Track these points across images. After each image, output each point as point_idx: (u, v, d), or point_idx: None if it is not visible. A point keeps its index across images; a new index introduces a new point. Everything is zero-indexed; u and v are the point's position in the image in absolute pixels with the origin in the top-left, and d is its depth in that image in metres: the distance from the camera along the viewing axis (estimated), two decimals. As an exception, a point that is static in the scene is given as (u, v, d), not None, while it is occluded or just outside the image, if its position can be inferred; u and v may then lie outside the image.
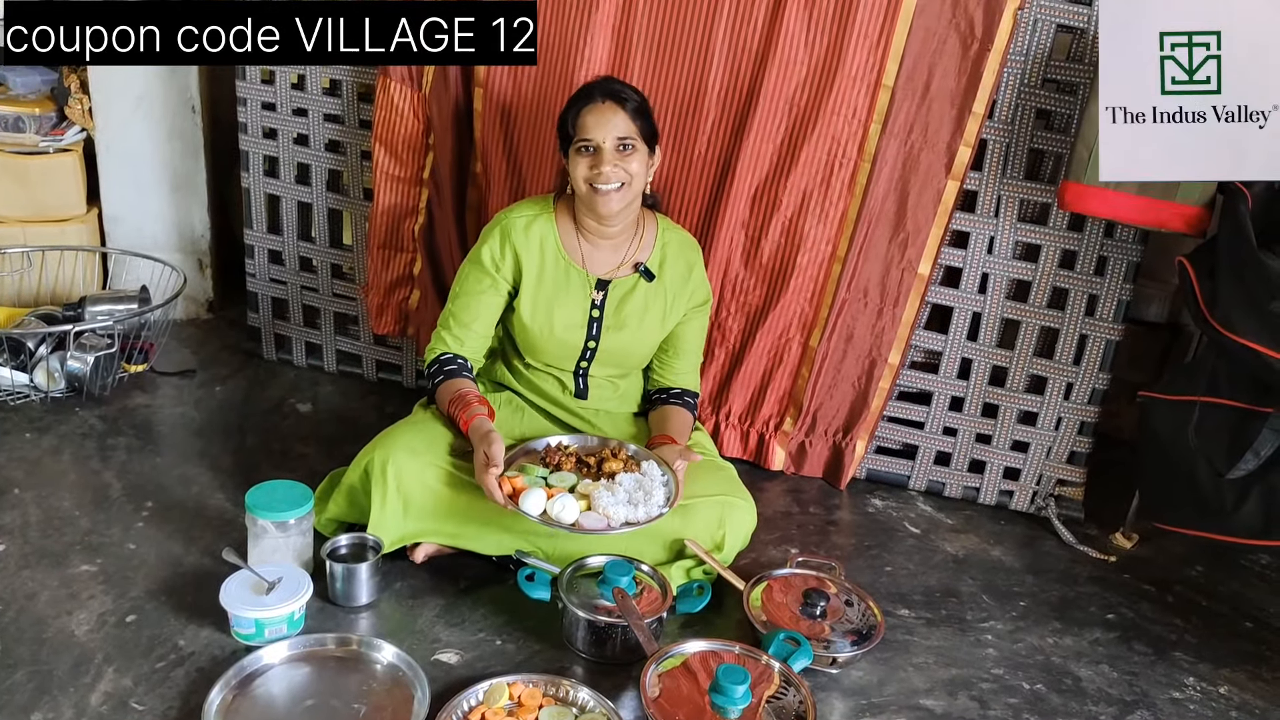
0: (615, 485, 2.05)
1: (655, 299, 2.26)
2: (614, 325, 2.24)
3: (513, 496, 1.99)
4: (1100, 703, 1.99)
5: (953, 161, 2.39)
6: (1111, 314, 2.47)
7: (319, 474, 2.29)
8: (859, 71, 2.34)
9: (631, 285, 2.25)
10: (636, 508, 2.00)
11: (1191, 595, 2.37)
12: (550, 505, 1.98)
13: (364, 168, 2.78)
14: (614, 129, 2.08)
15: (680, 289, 2.28)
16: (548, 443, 2.19)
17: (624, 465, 2.11)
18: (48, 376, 2.67)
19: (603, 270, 2.24)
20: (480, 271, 2.22)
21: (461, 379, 2.21)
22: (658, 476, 2.09)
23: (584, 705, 1.78)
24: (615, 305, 2.24)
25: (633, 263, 2.25)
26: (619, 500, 2.01)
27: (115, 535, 2.19)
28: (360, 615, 2.02)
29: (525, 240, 2.19)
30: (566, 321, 2.22)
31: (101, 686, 1.77)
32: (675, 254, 2.28)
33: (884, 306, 2.53)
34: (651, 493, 2.03)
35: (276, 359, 3.05)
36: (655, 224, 2.28)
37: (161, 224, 3.21)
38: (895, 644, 2.09)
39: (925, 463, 2.69)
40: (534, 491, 1.99)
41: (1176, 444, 2.23)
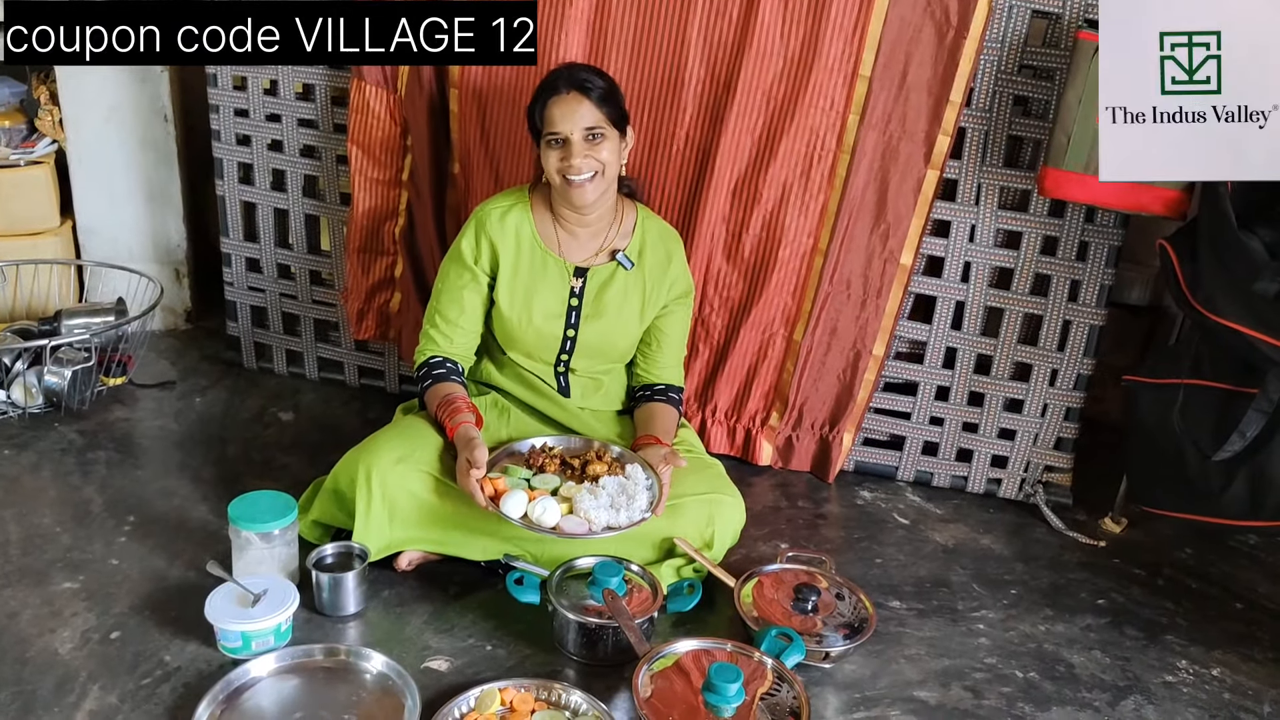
0: (598, 489, 2.03)
1: (634, 287, 2.25)
2: (593, 314, 2.23)
3: (495, 499, 1.97)
4: (1094, 689, 1.99)
5: (932, 150, 2.38)
6: (1094, 299, 2.47)
7: (302, 483, 2.27)
8: (835, 62, 2.33)
9: (610, 273, 2.23)
10: (619, 512, 1.99)
11: (1182, 578, 2.37)
12: (531, 508, 1.97)
13: (340, 172, 2.75)
14: (581, 119, 2.06)
15: (660, 278, 2.27)
16: (532, 444, 2.18)
17: (608, 468, 2.10)
18: (25, 392, 2.64)
19: (580, 258, 2.22)
20: (460, 266, 2.21)
21: (450, 383, 2.19)
22: (641, 480, 2.08)
23: (577, 708, 1.76)
24: (594, 294, 2.23)
25: (610, 250, 2.23)
26: (601, 504, 2.00)
27: (97, 551, 2.16)
28: (348, 625, 2.00)
29: (501, 230, 2.18)
30: (545, 311, 2.21)
31: (87, 705, 1.75)
32: (654, 242, 2.27)
33: (867, 298, 2.52)
34: (634, 497, 2.02)
35: (257, 368, 3.03)
36: (634, 212, 2.27)
37: (136, 235, 3.18)
38: (888, 636, 2.08)
39: (913, 453, 2.69)
40: (515, 494, 1.98)
41: (1163, 427, 2.23)
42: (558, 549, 2.06)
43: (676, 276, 2.30)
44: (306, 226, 2.86)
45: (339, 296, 2.87)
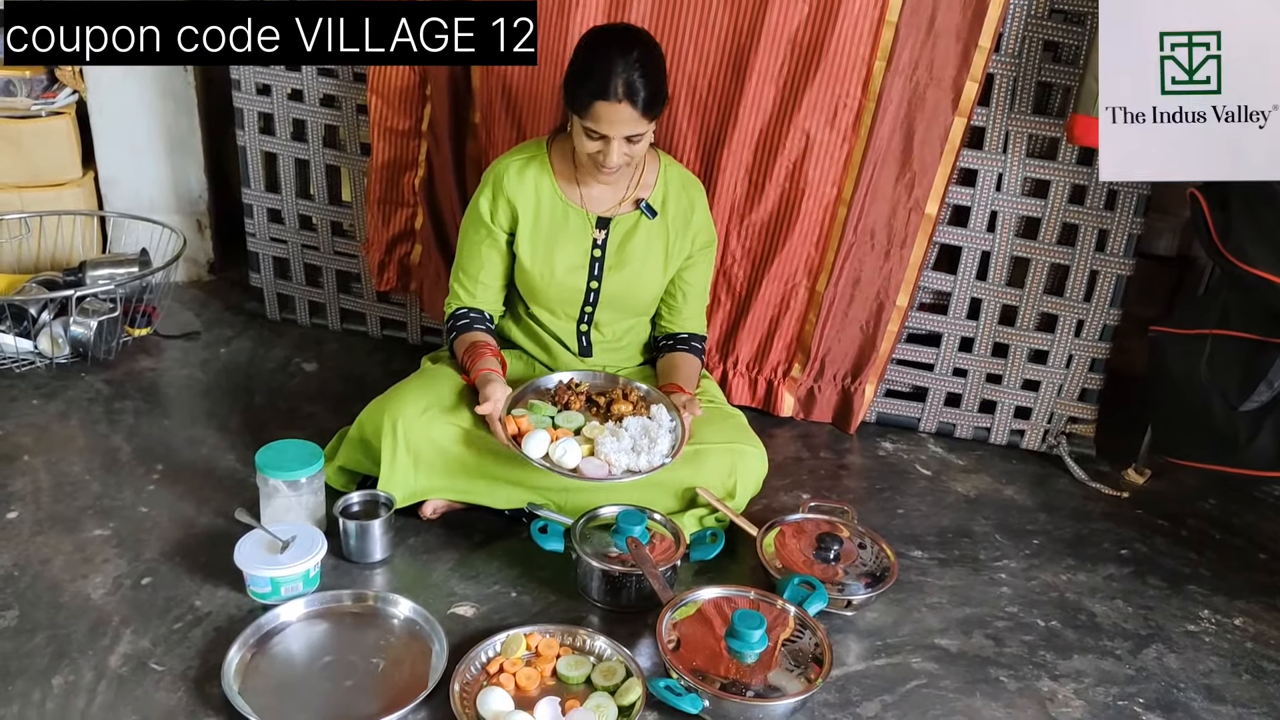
0: (621, 430, 2.04)
1: (657, 237, 2.23)
2: (616, 265, 2.22)
3: (517, 438, 1.98)
4: (1116, 638, 1.99)
5: (959, 98, 2.34)
6: (1122, 249, 2.44)
7: (328, 432, 2.29)
8: (862, 7, 2.29)
9: (633, 223, 2.22)
10: (640, 455, 2.00)
11: (1205, 529, 2.37)
12: (552, 449, 1.98)
13: (360, 122, 2.74)
14: (626, 128, 2.01)
15: (683, 227, 2.25)
16: (559, 379, 2.19)
17: (634, 408, 2.11)
18: (52, 342, 2.66)
19: (603, 208, 2.21)
20: (477, 223, 2.20)
21: (474, 331, 2.21)
22: (665, 422, 2.08)
23: (601, 654, 1.79)
24: (617, 244, 2.22)
25: (634, 200, 2.22)
26: (623, 447, 2.00)
27: (127, 498, 2.19)
28: (375, 571, 2.02)
29: (519, 186, 2.17)
30: (568, 263, 2.20)
31: (120, 648, 1.78)
32: (678, 191, 2.25)
33: (891, 248, 2.50)
34: (656, 440, 2.02)
35: (280, 319, 3.04)
36: (657, 160, 2.25)
37: (158, 186, 3.18)
38: (909, 585, 2.09)
39: (935, 404, 2.68)
40: (538, 434, 1.99)
41: (1189, 378, 2.21)
42: (582, 498, 2.08)
43: (700, 226, 2.28)
44: (327, 177, 2.85)
45: (360, 248, 2.87)
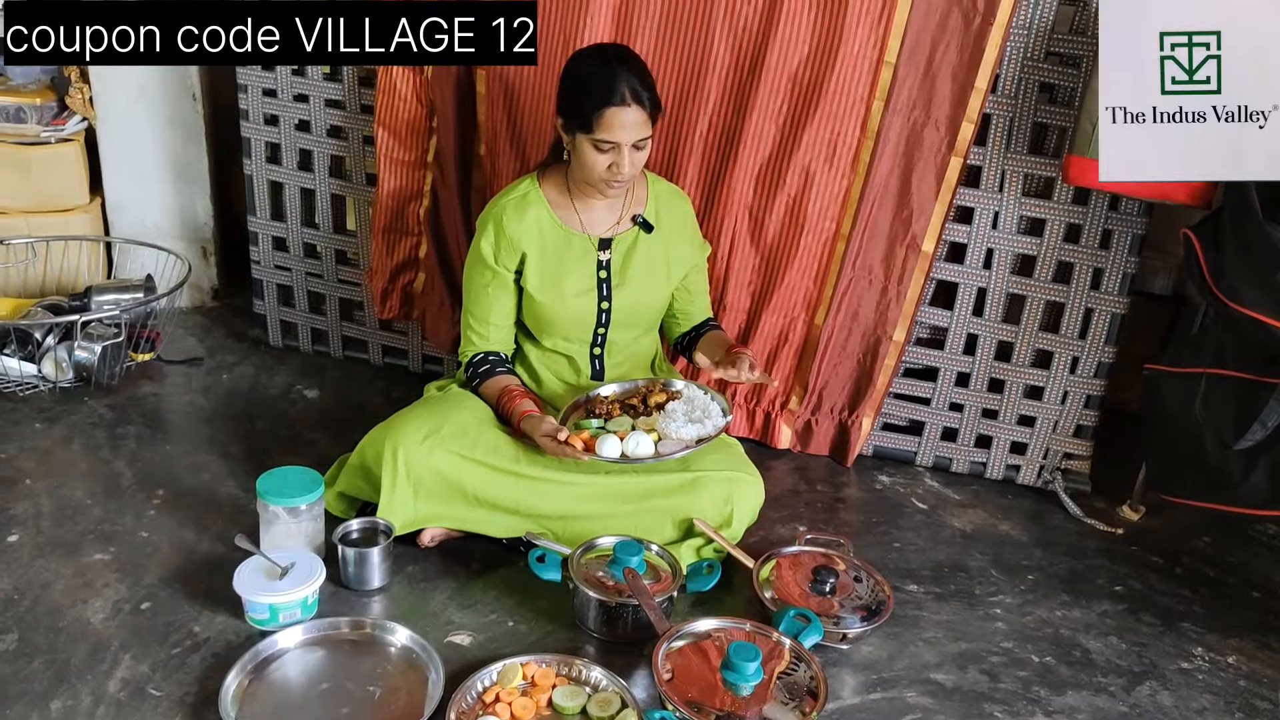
0: (670, 413, 2.15)
1: (657, 249, 2.29)
2: (622, 282, 2.26)
3: (588, 449, 2.06)
4: (1109, 674, 2.00)
5: (956, 137, 2.38)
6: (1117, 287, 2.47)
7: (329, 459, 2.31)
8: (861, 48, 2.33)
9: (633, 239, 2.27)
10: (703, 424, 2.12)
11: (1199, 566, 2.38)
12: (626, 445, 2.06)
13: (366, 153, 2.77)
14: (636, 132, 2.06)
15: (679, 238, 2.31)
16: (589, 395, 2.27)
17: (667, 396, 2.23)
18: (56, 367, 2.68)
19: (602, 229, 2.25)
20: (482, 266, 2.24)
21: (499, 375, 2.26)
22: (701, 394, 2.23)
23: (597, 684, 1.79)
24: (621, 261, 2.26)
25: (630, 216, 2.26)
26: (684, 422, 2.12)
27: (128, 523, 2.20)
28: (373, 599, 2.03)
29: (520, 224, 2.20)
30: (576, 288, 2.24)
31: (119, 673, 1.79)
32: (669, 204, 2.31)
33: (888, 284, 2.53)
34: (707, 408, 2.18)
35: (283, 345, 3.06)
36: (644, 176, 2.31)
37: (165, 212, 3.21)
38: (905, 619, 2.10)
39: (932, 439, 2.70)
40: (607, 439, 2.06)
41: (1184, 416, 2.23)
42: (579, 527, 2.10)
43: (693, 235, 2.36)
44: (333, 206, 2.88)
45: (364, 276, 2.90)
